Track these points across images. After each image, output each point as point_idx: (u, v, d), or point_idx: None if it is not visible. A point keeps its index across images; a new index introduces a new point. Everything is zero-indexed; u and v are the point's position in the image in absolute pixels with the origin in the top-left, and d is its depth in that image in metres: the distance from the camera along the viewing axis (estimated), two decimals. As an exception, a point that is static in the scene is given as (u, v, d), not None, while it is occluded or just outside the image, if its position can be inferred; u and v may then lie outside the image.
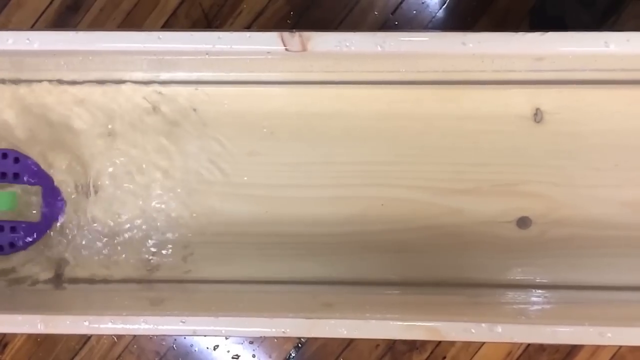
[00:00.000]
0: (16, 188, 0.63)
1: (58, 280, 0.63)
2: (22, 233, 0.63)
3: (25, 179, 0.62)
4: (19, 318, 0.53)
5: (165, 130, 0.63)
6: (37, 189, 0.63)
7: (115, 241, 0.63)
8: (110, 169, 0.63)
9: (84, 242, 0.63)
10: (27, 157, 0.62)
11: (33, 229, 0.63)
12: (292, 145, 0.63)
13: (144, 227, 0.64)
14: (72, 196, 0.63)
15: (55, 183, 0.62)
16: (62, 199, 0.62)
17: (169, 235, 0.64)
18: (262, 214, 0.63)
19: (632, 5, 0.96)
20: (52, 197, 0.62)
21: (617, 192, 0.62)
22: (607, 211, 0.62)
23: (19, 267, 0.64)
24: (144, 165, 0.63)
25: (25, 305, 0.60)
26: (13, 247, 0.63)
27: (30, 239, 0.63)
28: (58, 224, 0.63)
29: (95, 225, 0.63)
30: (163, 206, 0.64)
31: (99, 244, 0.63)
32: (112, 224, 0.63)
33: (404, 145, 0.63)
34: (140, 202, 0.64)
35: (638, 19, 0.96)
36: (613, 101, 0.61)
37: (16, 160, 0.62)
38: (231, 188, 0.63)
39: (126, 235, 0.63)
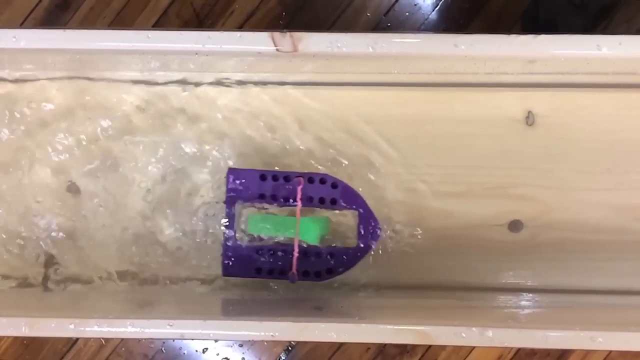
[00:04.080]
0: (329, 214, 0.61)
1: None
2: (339, 258, 0.61)
3: (342, 204, 0.60)
4: (3, 321, 0.52)
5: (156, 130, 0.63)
6: (353, 213, 0.61)
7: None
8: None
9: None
10: (343, 182, 0.60)
11: (350, 254, 0.61)
12: (282, 146, 0.62)
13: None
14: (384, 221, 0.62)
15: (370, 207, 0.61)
16: (378, 224, 0.60)
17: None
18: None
19: (623, 10, 0.96)
20: (368, 221, 0.61)
21: (608, 196, 0.61)
22: (599, 215, 0.61)
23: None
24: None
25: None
26: (330, 273, 0.61)
27: (347, 264, 0.61)
28: (373, 249, 0.61)
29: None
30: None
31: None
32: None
33: (396, 148, 0.62)
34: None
35: (629, 23, 0.97)
36: (605, 105, 0.61)
37: (334, 185, 0.60)
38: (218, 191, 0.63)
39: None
